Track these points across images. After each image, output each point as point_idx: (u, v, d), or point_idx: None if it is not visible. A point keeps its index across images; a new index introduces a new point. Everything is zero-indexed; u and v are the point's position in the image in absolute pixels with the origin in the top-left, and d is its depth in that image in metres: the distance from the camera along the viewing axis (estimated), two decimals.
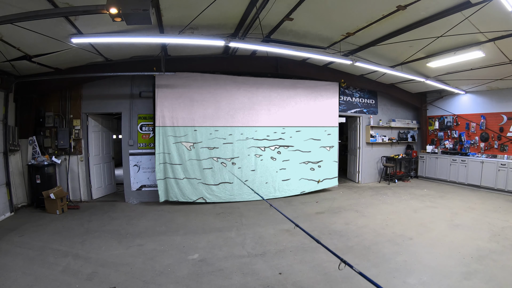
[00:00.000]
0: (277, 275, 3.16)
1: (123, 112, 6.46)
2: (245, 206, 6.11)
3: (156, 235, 4.40)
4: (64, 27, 3.87)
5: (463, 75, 6.79)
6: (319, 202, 6.40)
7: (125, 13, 2.49)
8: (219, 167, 6.39)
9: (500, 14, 3.77)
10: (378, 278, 3.06)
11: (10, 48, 4.34)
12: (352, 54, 5.85)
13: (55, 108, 6.30)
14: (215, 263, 3.45)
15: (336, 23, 4.67)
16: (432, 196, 6.79)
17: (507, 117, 7.32)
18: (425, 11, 4.06)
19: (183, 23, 4.27)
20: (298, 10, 4.10)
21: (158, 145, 6.06)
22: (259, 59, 6.57)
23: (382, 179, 8.85)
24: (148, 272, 3.23)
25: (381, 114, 8.89)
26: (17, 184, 5.65)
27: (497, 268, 3.21)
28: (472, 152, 8.07)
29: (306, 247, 3.92)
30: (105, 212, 5.63)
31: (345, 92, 8.20)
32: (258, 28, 4.50)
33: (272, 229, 4.62)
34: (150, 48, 5.44)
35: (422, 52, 5.66)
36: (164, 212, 5.68)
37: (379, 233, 4.40)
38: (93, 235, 4.36)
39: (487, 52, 5.09)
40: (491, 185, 7.19)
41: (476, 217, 5.15)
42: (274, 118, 6.81)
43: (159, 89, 6.08)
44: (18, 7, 3.08)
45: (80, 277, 3.09)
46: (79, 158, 6.40)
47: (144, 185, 6.55)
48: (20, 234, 4.35)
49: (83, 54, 5.14)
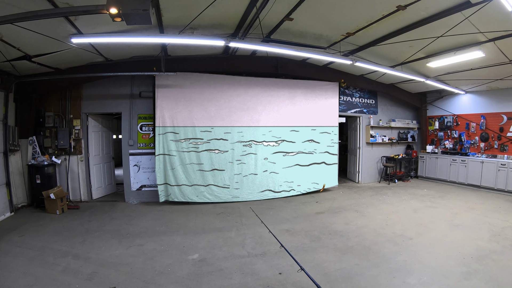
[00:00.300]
0: (277, 275, 3.15)
1: (123, 112, 6.46)
2: (245, 206, 6.11)
3: (156, 235, 4.40)
4: (64, 27, 3.87)
5: (463, 75, 6.79)
6: (319, 202, 6.40)
7: (125, 13, 2.49)
8: (219, 167, 6.39)
9: (500, 14, 3.77)
10: (378, 278, 3.06)
11: (10, 48, 4.34)
12: (352, 54, 5.85)
13: (55, 108, 6.30)
14: (215, 263, 3.45)
15: (336, 23, 4.67)
16: (432, 196, 6.79)
17: (507, 117, 7.32)
18: (425, 11, 4.06)
19: (183, 23, 4.27)
20: (298, 10, 4.10)
21: (158, 145, 6.06)
22: (259, 59, 6.57)
23: (382, 179, 8.86)
24: (148, 272, 3.23)
25: (381, 114, 8.89)
26: (17, 184, 5.65)
27: (497, 268, 3.21)
28: (472, 152, 8.06)
29: (306, 247, 3.92)
30: (105, 212, 5.63)
31: (345, 92, 8.20)
32: (258, 28, 4.50)
33: (272, 229, 4.61)
34: (150, 48, 5.44)
35: (422, 52, 5.66)
36: (164, 212, 5.68)
37: (379, 233, 4.40)
38: (93, 235, 4.36)
39: (487, 52, 5.09)
40: (491, 185, 7.19)
41: (476, 217, 5.15)
42: (274, 118, 6.81)
43: (159, 89, 6.08)
44: (18, 7, 3.08)
45: (80, 277, 3.09)
46: (79, 158, 6.40)
47: (144, 185, 6.55)
48: (20, 234, 4.35)
49: (83, 54, 5.14)
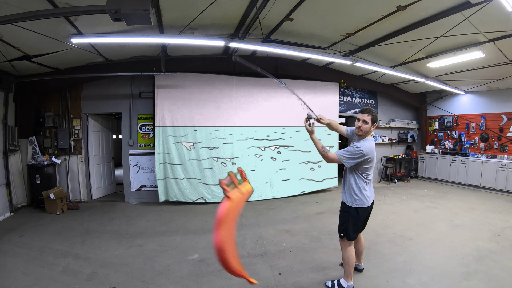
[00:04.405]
0: (277, 275, 3.15)
1: (123, 112, 6.46)
2: (244, 206, 6.08)
3: (156, 235, 4.40)
4: (64, 27, 3.87)
5: (463, 76, 6.79)
6: (319, 202, 6.40)
7: (125, 13, 2.49)
8: (219, 167, 6.38)
9: (500, 14, 3.77)
10: (378, 278, 3.06)
11: (10, 48, 4.33)
12: (352, 55, 5.85)
13: (55, 108, 6.29)
14: (215, 263, 3.44)
15: (336, 23, 4.67)
16: (432, 197, 6.79)
17: (507, 117, 7.32)
18: (425, 12, 4.06)
19: (183, 23, 4.27)
20: (298, 10, 4.10)
21: (158, 145, 6.06)
22: (259, 59, 6.56)
23: (382, 180, 8.85)
24: (148, 272, 3.23)
25: (381, 115, 8.89)
26: (17, 184, 5.65)
27: (497, 269, 3.21)
28: (472, 152, 8.07)
29: (306, 247, 3.92)
30: (105, 212, 5.63)
31: (345, 93, 8.20)
32: (258, 28, 4.50)
33: (272, 230, 4.62)
34: (150, 48, 5.44)
35: (422, 52, 5.66)
36: (164, 212, 5.67)
37: (379, 233, 4.40)
38: (93, 235, 4.35)
39: (487, 53, 5.10)
40: (491, 186, 7.19)
41: (476, 217, 5.15)
42: (274, 118, 6.81)
43: (159, 89, 6.08)
44: (18, 7, 3.08)
45: (79, 277, 3.09)
46: (79, 158, 6.40)
47: (144, 185, 6.55)
48: (20, 234, 4.35)
49: (83, 54, 5.14)
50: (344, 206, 2.83)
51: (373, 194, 2.83)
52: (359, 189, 2.68)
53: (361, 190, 2.68)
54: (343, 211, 2.85)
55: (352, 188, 2.71)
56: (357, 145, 2.57)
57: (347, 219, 2.79)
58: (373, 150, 2.59)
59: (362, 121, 2.62)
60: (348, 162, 2.61)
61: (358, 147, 2.56)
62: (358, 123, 2.66)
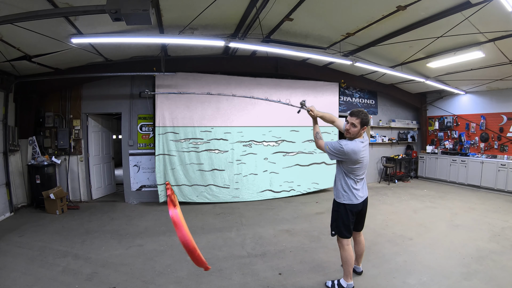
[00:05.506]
0: (277, 275, 3.15)
1: (123, 112, 6.46)
2: (245, 206, 6.10)
3: (156, 235, 4.39)
4: (64, 27, 3.87)
5: (463, 76, 6.79)
6: (319, 202, 6.40)
7: (125, 13, 2.49)
8: (219, 167, 6.38)
9: (500, 14, 3.77)
10: (378, 278, 3.06)
11: (10, 48, 4.33)
12: (352, 55, 5.85)
13: (55, 108, 6.29)
14: (215, 263, 3.44)
15: (336, 23, 4.67)
16: (432, 197, 6.79)
17: (507, 117, 7.32)
18: (425, 12, 4.06)
19: (183, 23, 4.27)
20: (298, 10, 4.10)
21: (158, 145, 6.06)
22: (259, 59, 6.57)
23: (382, 180, 8.85)
24: (148, 272, 3.23)
25: (381, 115, 8.90)
26: (17, 184, 5.65)
27: (497, 269, 3.21)
28: (472, 152, 8.07)
29: (306, 247, 3.92)
30: (105, 212, 5.63)
31: (345, 93, 8.20)
32: (258, 28, 4.50)
33: (272, 230, 4.62)
34: (150, 48, 5.44)
35: (422, 52, 5.66)
36: (164, 212, 5.67)
37: (379, 233, 4.40)
38: (93, 235, 4.35)
39: (487, 53, 5.10)
40: (491, 186, 7.19)
41: (476, 217, 5.14)
42: (274, 118, 6.80)
43: (159, 89, 6.08)
44: (18, 7, 3.08)
45: (79, 278, 3.09)
46: (79, 158, 6.40)
47: (144, 185, 6.55)
48: (20, 234, 4.35)
49: (83, 54, 5.14)
50: (334, 204, 2.86)
51: (365, 193, 2.84)
52: (347, 185, 2.70)
53: (349, 187, 2.70)
54: (333, 209, 2.88)
55: (341, 184, 2.74)
56: (342, 143, 2.60)
57: (336, 217, 2.81)
58: (357, 152, 2.57)
59: (351, 124, 2.65)
60: (329, 155, 2.69)
61: (341, 145, 2.58)
62: (347, 126, 2.70)
